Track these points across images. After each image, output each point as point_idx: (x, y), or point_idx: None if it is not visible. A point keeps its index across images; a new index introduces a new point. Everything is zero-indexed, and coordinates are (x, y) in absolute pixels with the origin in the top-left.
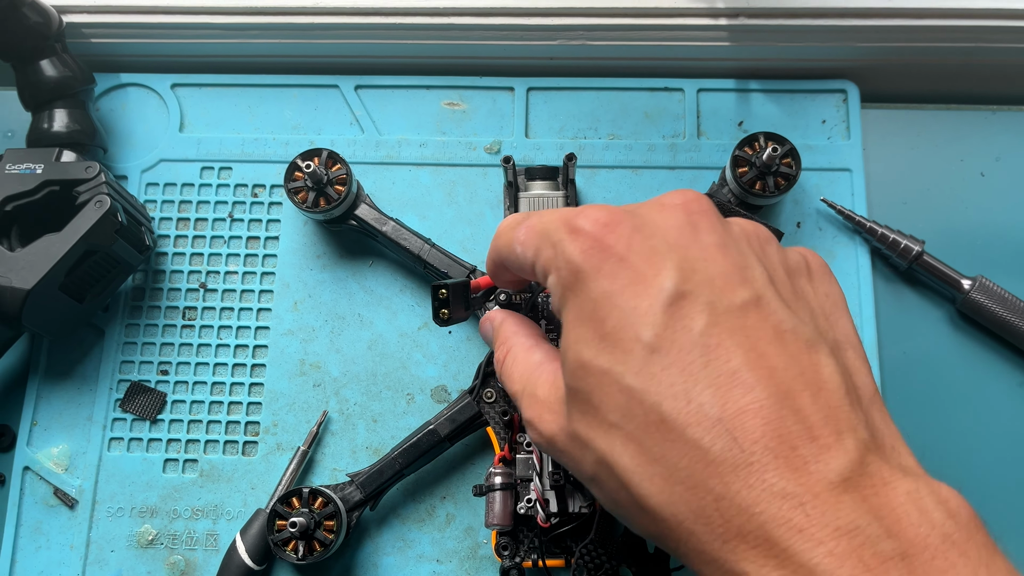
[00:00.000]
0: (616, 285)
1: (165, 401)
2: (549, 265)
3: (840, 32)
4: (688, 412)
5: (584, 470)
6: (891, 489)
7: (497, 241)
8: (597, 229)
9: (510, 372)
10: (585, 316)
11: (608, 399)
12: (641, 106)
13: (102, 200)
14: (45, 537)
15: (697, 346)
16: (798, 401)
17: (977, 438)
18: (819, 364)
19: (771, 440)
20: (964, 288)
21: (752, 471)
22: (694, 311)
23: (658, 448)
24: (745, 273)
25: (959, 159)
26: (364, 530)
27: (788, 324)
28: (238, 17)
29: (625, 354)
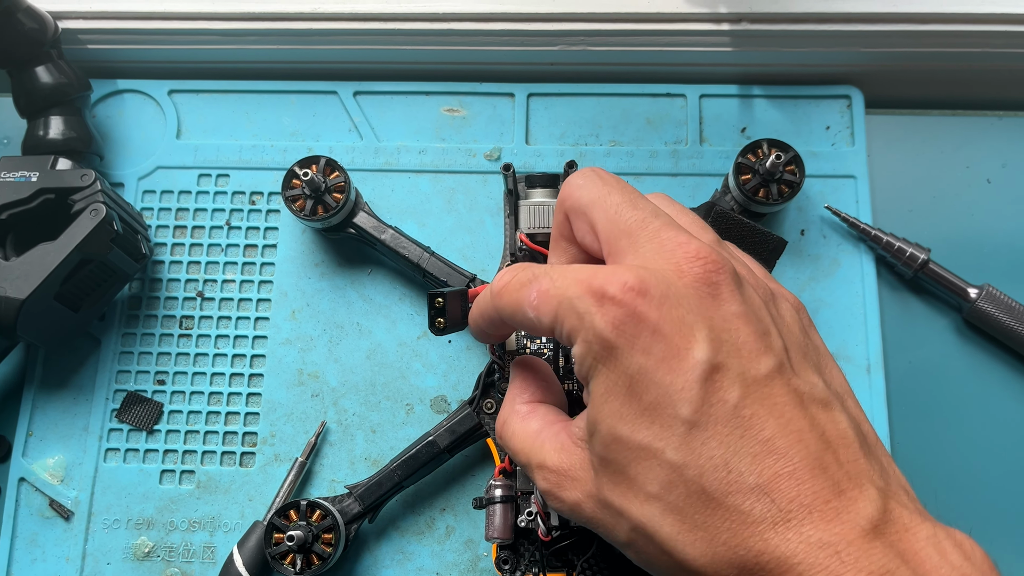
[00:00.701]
0: (651, 360)
1: (162, 411)
2: (575, 335)
3: (844, 37)
4: (728, 481)
5: (618, 536)
6: (913, 535)
7: (500, 300)
8: (628, 297)
9: (511, 446)
10: (620, 390)
11: (647, 472)
12: (643, 112)
13: (98, 208)
14: (41, 549)
15: (733, 418)
16: (824, 460)
17: (984, 448)
18: (836, 421)
19: (806, 498)
20: (971, 297)
21: (790, 527)
22: (727, 384)
23: (700, 516)
24: (766, 340)
25: (965, 166)
26: (363, 543)
27: (806, 387)
28: (236, 23)
29: (665, 430)
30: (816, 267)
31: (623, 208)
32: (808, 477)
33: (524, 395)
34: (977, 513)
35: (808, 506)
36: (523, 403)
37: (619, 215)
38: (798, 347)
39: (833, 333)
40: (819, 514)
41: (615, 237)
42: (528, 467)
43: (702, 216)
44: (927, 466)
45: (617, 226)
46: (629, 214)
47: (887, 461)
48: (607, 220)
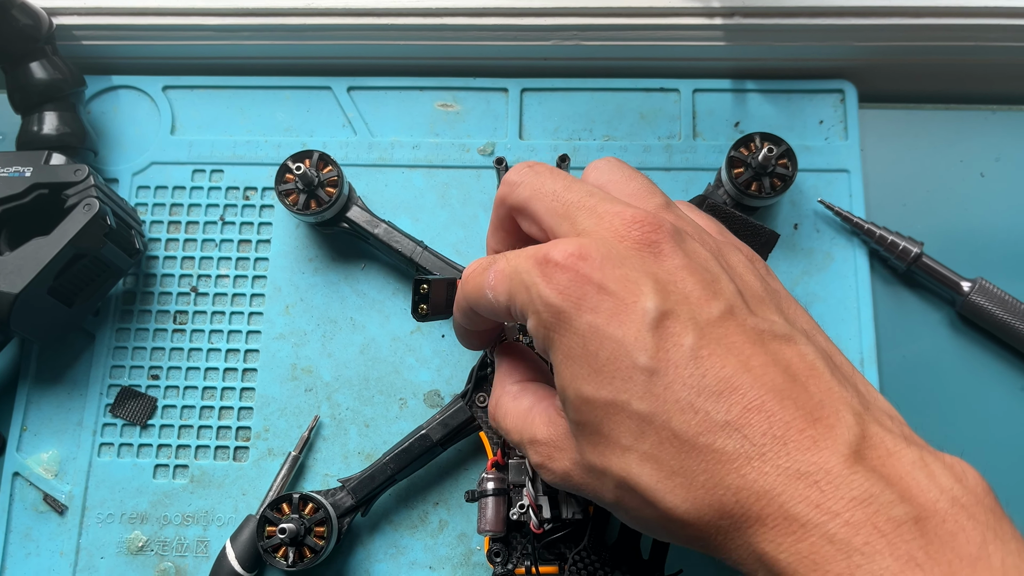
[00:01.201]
0: (600, 317)
1: (156, 406)
2: (526, 308)
3: (837, 31)
4: (697, 422)
5: (606, 497)
6: (897, 459)
7: (465, 287)
8: (570, 262)
9: (504, 426)
10: (576, 353)
11: (618, 426)
12: (636, 107)
13: (91, 203)
14: (35, 543)
15: (691, 360)
16: (793, 390)
17: (977, 442)
18: (801, 354)
19: (778, 430)
20: (964, 290)
21: (766, 460)
22: (680, 328)
23: (675, 461)
24: (715, 287)
25: (958, 159)
26: (356, 536)
27: (763, 325)
28: (230, 18)
29: (626, 382)
30: (809, 261)
31: (559, 194)
32: (777, 409)
33: (513, 375)
34: None
35: (781, 437)
36: (513, 383)
37: (556, 201)
38: (752, 291)
39: (826, 327)
40: (794, 444)
41: (556, 223)
42: (521, 445)
43: None
44: None
45: (556, 212)
46: (565, 198)
47: (866, 388)
48: (546, 210)
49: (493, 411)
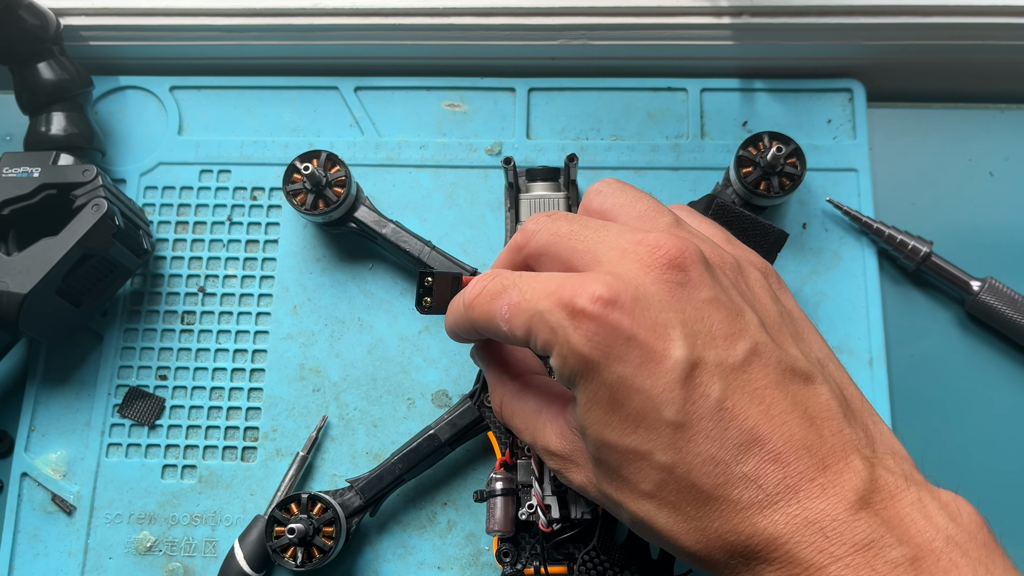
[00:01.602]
0: (629, 368)
1: (164, 406)
2: (550, 347)
3: (845, 30)
4: (717, 474)
5: (621, 517)
6: (898, 501)
7: (472, 313)
8: (599, 309)
9: (514, 425)
10: (602, 401)
11: (638, 473)
12: (644, 106)
13: (99, 204)
14: (43, 544)
15: (716, 412)
16: (808, 439)
17: (987, 442)
18: (817, 395)
19: (791, 479)
20: (973, 290)
21: (777, 509)
22: (707, 379)
23: (692, 510)
24: (740, 322)
25: (967, 158)
26: (364, 536)
27: (786, 361)
28: (237, 19)
29: (651, 433)
30: (818, 260)
31: (576, 232)
32: (793, 459)
33: (509, 370)
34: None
35: (794, 487)
36: (511, 379)
37: (575, 239)
38: (771, 319)
39: (835, 326)
40: (804, 493)
41: (578, 259)
42: (534, 447)
43: (701, 209)
44: (929, 459)
45: (577, 252)
46: (583, 236)
47: (873, 424)
48: (568, 251)
49: (499, 410)
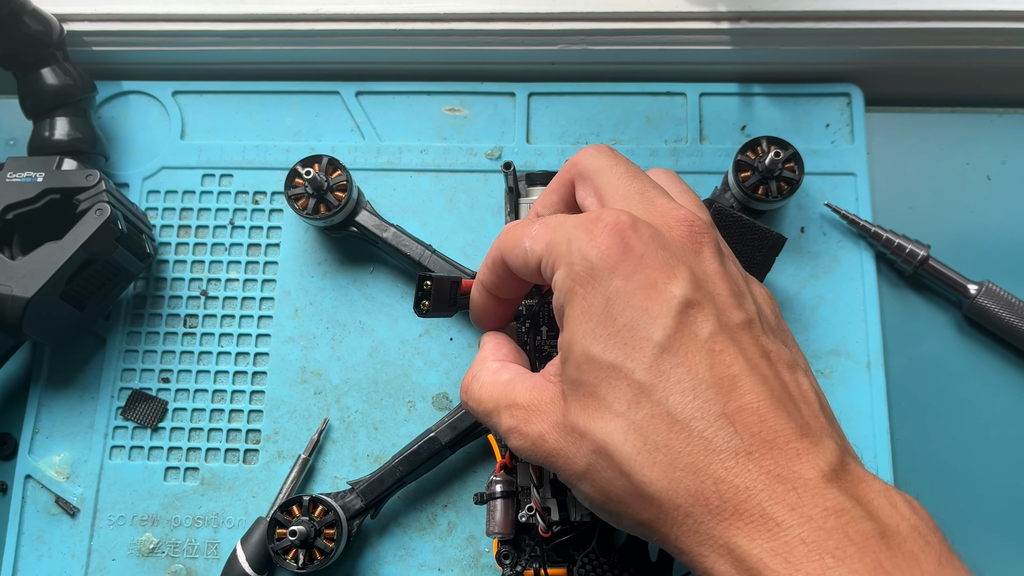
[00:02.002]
0: (631, 285)
1: (166, 409)
2: (560, 260)
3: (843, 35)
4: (694, 407)
5: (575, 464)
6: (867, 486)
7: (502, 238)
8: (619, 227)
9: (478, 395)
10: (595, 312)
11: (615, 391)
12: (643, 111)
13: (102, 208)
14: (47, 546)
15: (703, 350)
16: (788, 406)
17: (984, 445)
18: (800, 382)
19: (768, 434)
20: (971, 293)
21: (751, 458)
22: (701, 318)
23: (662, 438)
24: (740, 299)
25: (965, 162)
26: (365, 538)
27: (773, 347)
28: (239, 24)
29: (636, 351)
30: (816, 264)
31: (626, 177)
32: (772, 416)
33: (497, 354)
34: (977, 509)
35: (770, 442)
36: (494, 360)
37: (622, 182)
38: (768, 320)
39: (833, 330)
40: (779, 451)
41: (614, 200)
42: (496, 411)
43: None
44: (927, 463)
45: (618, 190)
46: (630, 183)
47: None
48: (610, 185)
49: (468, 383)
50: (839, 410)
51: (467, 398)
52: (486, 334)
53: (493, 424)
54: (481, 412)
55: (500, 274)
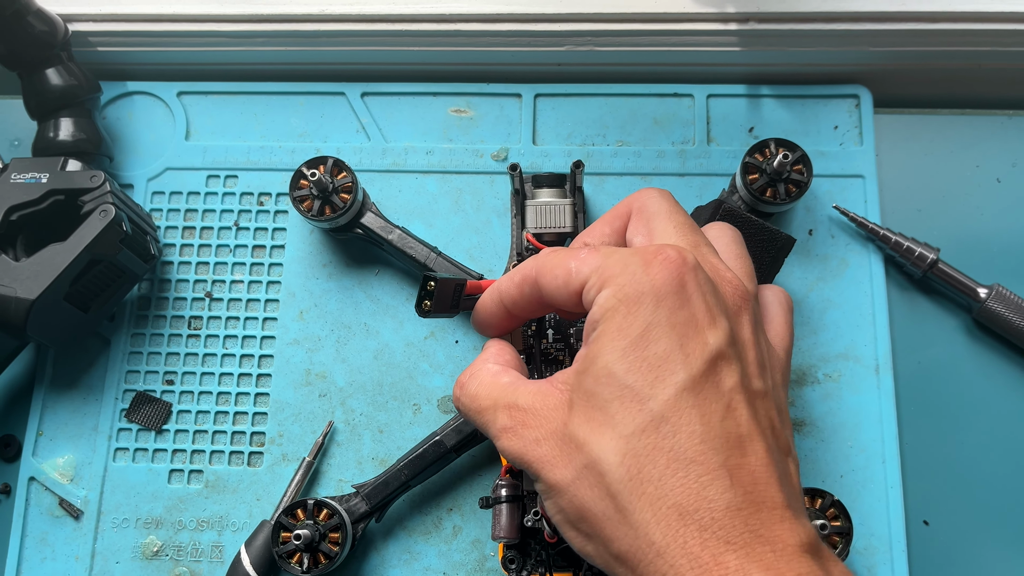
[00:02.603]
0: (674, 319)
1: (170, 411)
2: (610, 280)
3: (852, 36)
4: (698, 451)
5: (561, 474)
6: (835, 565)
7: (542, 259)
8: (677, 263)
9: (474, 392)
10: (631, 333)
11: (626, 413)
12: (650, 112)
13: (107, 209)
14: (50, 548)
15: (722, 402)
16: (782, 479)
17: (994, 450)
18: (790, 467)
19: (760, 496)
20: (980, 297)
21: (740, 514)
22: (728, 372)
23: (658, 471)
24: (763, 372)
25: (975, 165)
26: (370, 542)
27: (777, 423)
28: (244, 25)
29: (660, 381)
30: (824, 267)
31: (684, 228)
32: (766, 481)
33: (498, 358)
34: (986, 514)
35: (760, 504)
36: (496, 363)
37: (678, 231)
38: (780, 401)
39: (841, 333)
40: (767, 514)
41: (668, 240)
42: (490, 409)
43: (709, 213)
44: (936, 467)
45: (671, 239)
46: (687, 235)
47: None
48: (665, 232)
49: (464, 379)
50: (847, 415)
51: (461, 393)
52: (491, 340)
53: (484, 422)
54: (474, 409)
55: (526, 294)
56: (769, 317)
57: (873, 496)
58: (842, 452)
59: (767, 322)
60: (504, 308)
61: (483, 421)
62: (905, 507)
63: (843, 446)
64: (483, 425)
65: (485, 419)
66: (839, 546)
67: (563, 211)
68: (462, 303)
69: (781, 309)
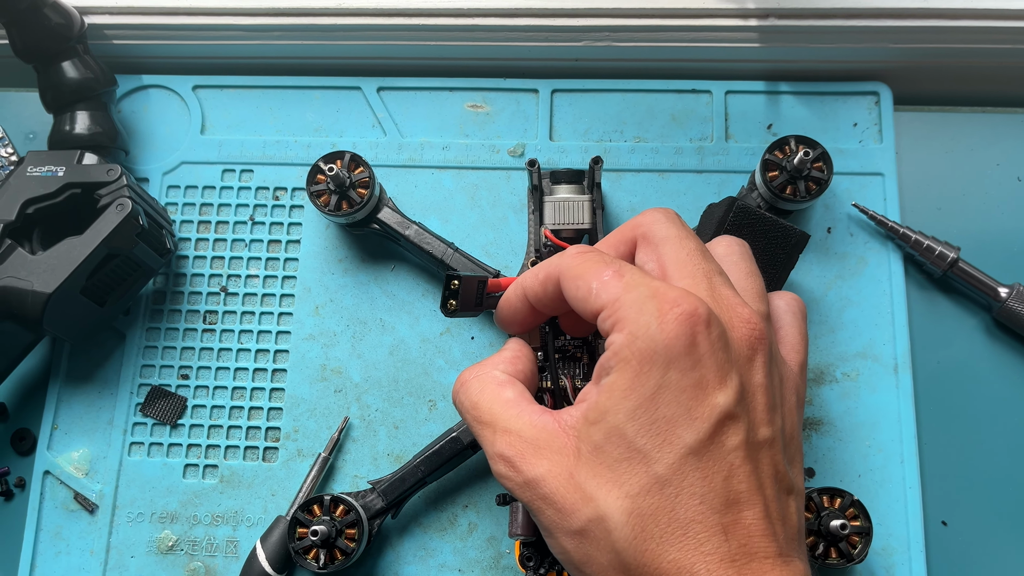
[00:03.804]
0: (684, 381)
1: (185, 406)
2: (624, 325)
3: (872, 33)
4: (697, 512)
5: (572, 522)
6: None
7: (568, 262)
8: (692, 320)
9: (475, 399)
10: (643, 394)
11: (632, 475)
12: (668, 108)
13: (123, 203)
14: (65, 542)
15: (725, 462)
16: (776, 528)
17: (1013, 451)
18: (790, 507)
19: (753, 548)
20: (1001, 296)
21: (733, 565)
22: (733, 431)
23: (660, 529)
24: (772, 415)
25: (995, 163)
26: (385, 539)
27: (782, 468)
28: (260, 18)
29: (666, 444)
30: (843, 265)
31: (695, 255)
32: (759, 535)
33: (508, 367)
34: (1004, 515)
35: (752, 555)
36: (503, 372)
37: (691, 259)
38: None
39: (860, 332)
40: (758, 564)
41: (679, 276)
42: (488, 426)
43: (722, 211)
44: (954, 467)
45: (685, 268)
46: (699, 263)
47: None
48: (678, 260)
49: (467, 378)
50: (865, 414)
51: (461, 392)
52: (512, 340)
53: (480, 436)
54: (472, 416)
55: (550, 292)
56: (783, 329)
57: (891, 496)
58: (860, 452)
59: (780, 336)
60: (528, 304)
61: (479, 433)
62: (923, 507)
63: (861, 446)
64: (478, 437)
65: (482, 434)
66: (859, 546)
67: (582, 207)
68: (486, 301)
69: (795, 319)
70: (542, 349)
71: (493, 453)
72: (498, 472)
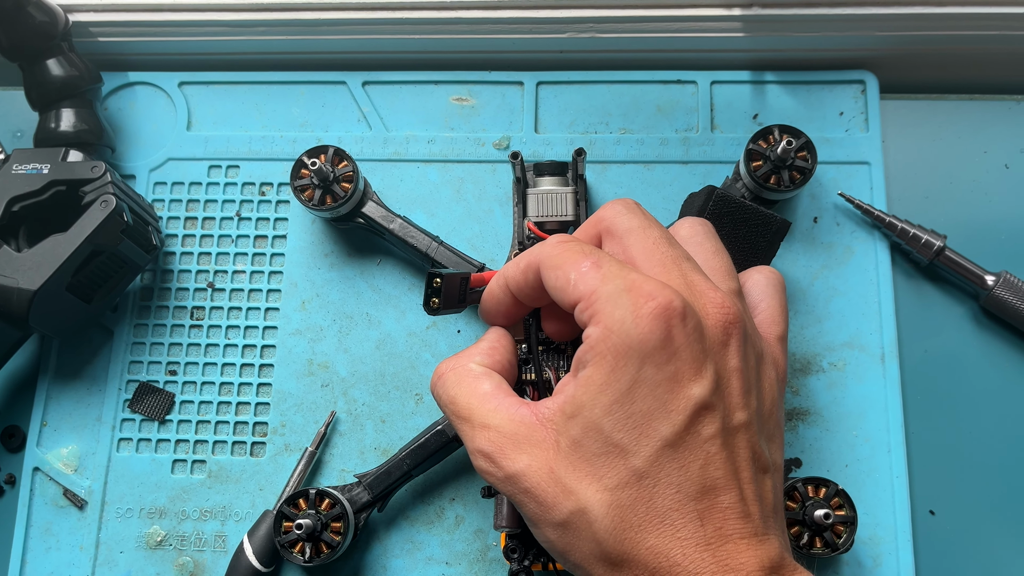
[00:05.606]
0: (659, 375)
1: (173, 402)
2: (600, 318)
3: (858, 21)
4: (674, 500)
5: (554, 514)
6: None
7: (548, 251)
8: (668, 315)
9: (452, 393)
10: (618, 388)
11: (610, 468)
12: (653, 99)
13: (108, 200)
14: (55, 538)
15: (701, 451)
16: (751, 509)
17: (1000, 439)
18: (766, 486)
19: (728, 530)
20: (988, 284)
21: (709, 548)
22: (708, 420)
23: (639, 518)
24: (748, 397)
25: (982, 151)
26: (372, 532)
27: (758, 448)
28: (245, 14)
29: (643, 438)
30: (829, 255)
31: (661, 243)
32: (734, 518)
33: (485, 358)
34: (992, 504)
35: (727, 537)
36: (479, 364)
37: (658, 247)
38: (764, 417)
39: (847, 322)
40: (733, 545)
41: (649, 266)
42: (466, 420)
43: (701, 201)
44: (942, 456)
45: (653, 257)
46: (666, 250)
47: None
48: (645, 250)
49: (444, 370)
50: (852, 404)
51: (439, 384)
52: (491, 329)
53: (459, 430)
54: (450, 410)
55: (531, 282)
56: (761, 303)
57: (878, 486)
58: (847, 441)
59: (759, 310)
60: (511, 295)
61: (458, 428)
62: (911, 497)
63: (848, 435)
64: (458, 431)
65: (460, 429)
66: (844, 535)
67: (565, 199)
68: (469, 297)
69: (774, 291)
70: (526, 341)
71: (473, 449)
72: (479, 467)
